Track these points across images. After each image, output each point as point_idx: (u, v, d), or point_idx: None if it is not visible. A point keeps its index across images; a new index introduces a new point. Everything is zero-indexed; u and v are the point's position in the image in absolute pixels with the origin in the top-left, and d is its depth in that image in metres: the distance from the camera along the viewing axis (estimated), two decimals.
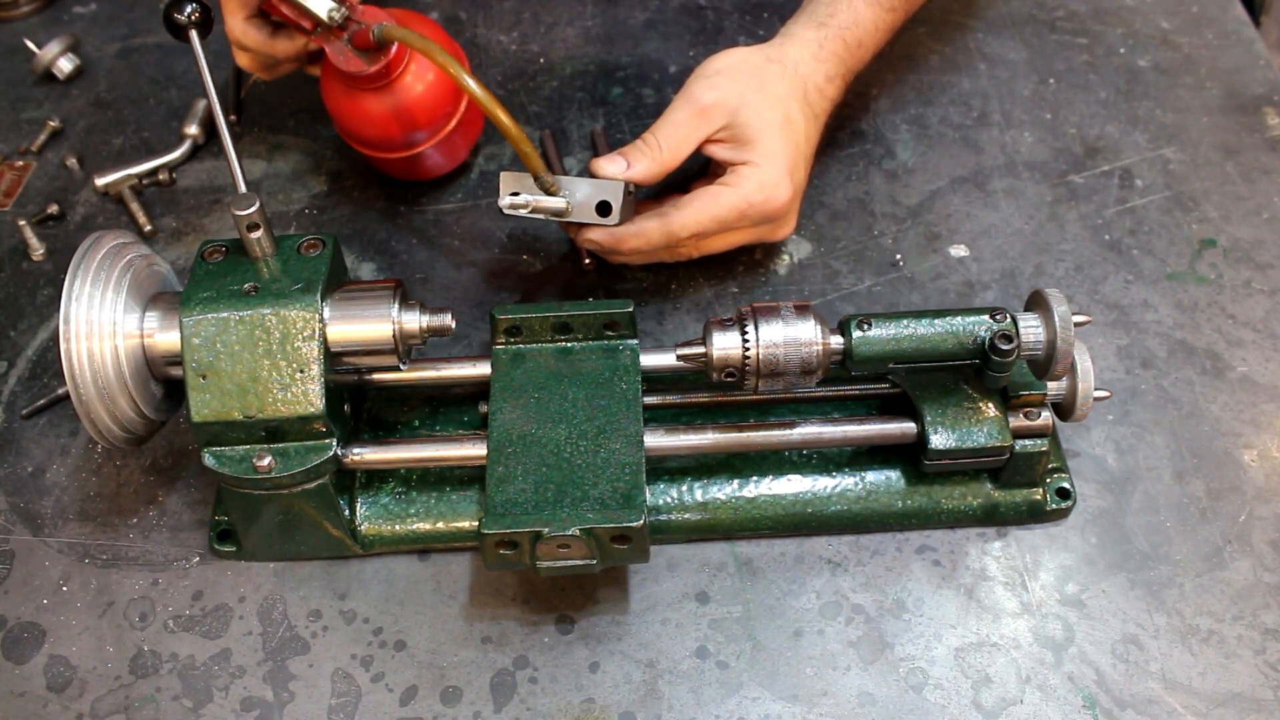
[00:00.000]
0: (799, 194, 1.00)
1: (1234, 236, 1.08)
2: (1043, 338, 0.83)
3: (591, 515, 0.79)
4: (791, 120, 0.98)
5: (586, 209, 0.94)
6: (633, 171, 0.94)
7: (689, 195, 0.97)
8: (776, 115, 0.97)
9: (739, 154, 0.96)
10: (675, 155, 0.96)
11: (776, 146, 0.96)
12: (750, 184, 0.96)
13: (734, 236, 1.00)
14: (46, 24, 1.31)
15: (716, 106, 0.96)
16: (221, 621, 0.87)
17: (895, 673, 0.84)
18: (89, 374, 0.79)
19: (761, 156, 0.96)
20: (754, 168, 0.96)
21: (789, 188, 0.97)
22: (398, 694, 0.84)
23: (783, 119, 0.97)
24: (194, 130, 1.17)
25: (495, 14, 1.30)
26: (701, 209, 0.96)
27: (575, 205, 0.94)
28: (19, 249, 1.11)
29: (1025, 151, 1.16)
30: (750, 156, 0.96)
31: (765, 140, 0.96)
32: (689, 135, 0.96)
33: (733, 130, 0.96)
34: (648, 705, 0.83)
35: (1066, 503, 0.90)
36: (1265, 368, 0.99)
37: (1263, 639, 0.85)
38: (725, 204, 0.96)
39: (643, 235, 0.96)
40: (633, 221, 0.96)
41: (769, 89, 0.98)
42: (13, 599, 0.89)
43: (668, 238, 0.96)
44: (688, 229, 0.96)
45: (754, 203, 0.96)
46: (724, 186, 0.96)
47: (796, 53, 1.01)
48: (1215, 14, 1.28)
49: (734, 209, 0.96)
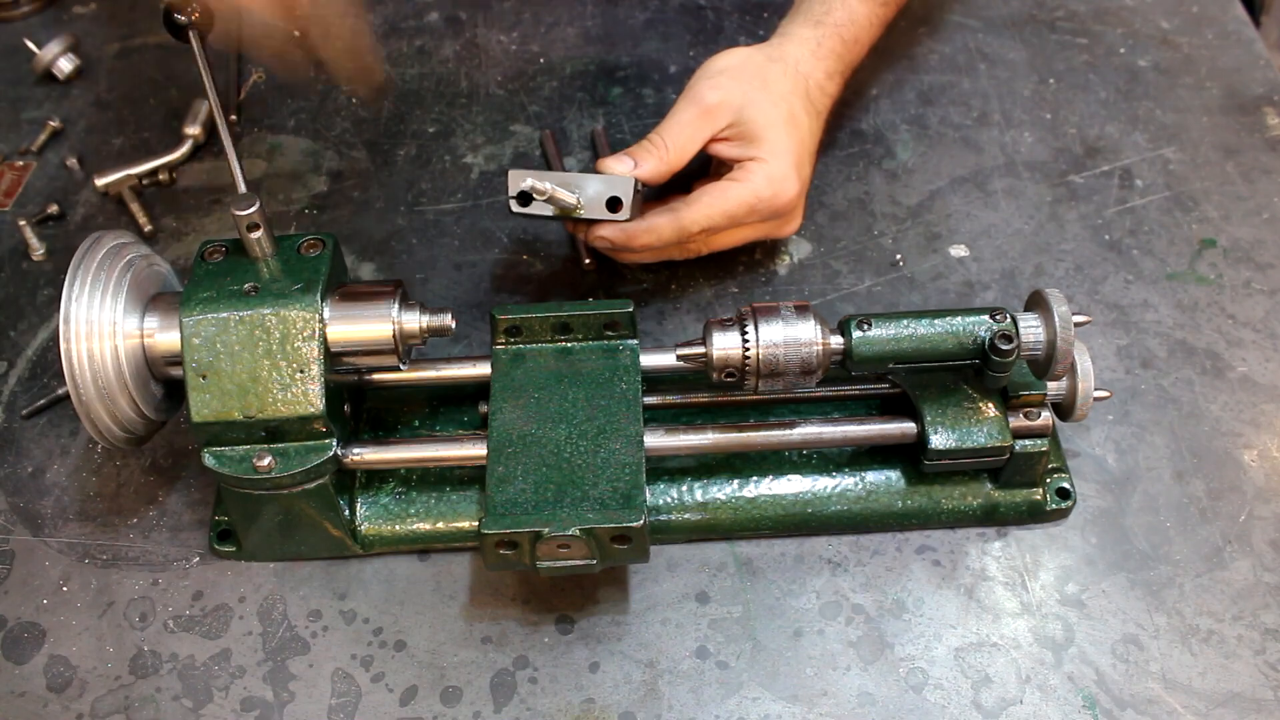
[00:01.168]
0: (805, 189, 1.01)
1: (1234, 236, 1.08)
2: (1043, 338, 0.83)
3: (591, 515, 0.79)
4: (796, 117, 0.99)
5: (597, 205, 0.95)
6: (640, 170, 0.95)
7: (698, 191, 0.98)
8: (781, 112, 0.97)
9: (746, 150, 0.97)
10: (681, 154, 0.96)
11: (783, 142, 0.97)
12: (759, 179, 0.96)
13: (743, 232, 1.01)
14: (46, 24, 1.31)
15: (721, 105, 0.96)
16: (221, 621, 0.87)
17: (895, 673, 0.84)
18: (89, 374, 0.79)
19: (769, 152, 0.96)
20: (761, 163, 0.96)
21: (796, 182, 0.97)
22: (398, 694, 0.84)
23: (787, 115, 0.98)
24: (194, 130, 1.17)
25: (495, 14, 1.30)
26: (712, 203, 0.96)
27: (586, 201, 0.94)
28: (19, 249, 1.11)
29: (1025, 151, 1.16)
30: (757, 153, 0.97)
31: (771, 136, 0.97)
32: (695, 134, 0.96)
33: (738, 128, 0.97)
34: (648, 705, 0.83)
35: (1066, 503, 0.90)
36: (1265, 368, 0.99)
37: (1263, 639, 0.85)
38: (735, 198, 0.96)
39: (654, 231, 0.96)
40: (643, 217, 0.96)
41: (772, 87, 0.98)
42: (13, 599, 0.89)
43: (679, 232, 0.96)
44: (698, 223, 0.96)
45: (763, 197, 0.96)
46: (733, 182, 0.97)
47: (796, 51, 1.01)
48: (1215, 14, 1.28)
49: (744, 203, 0.96)
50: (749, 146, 0.97)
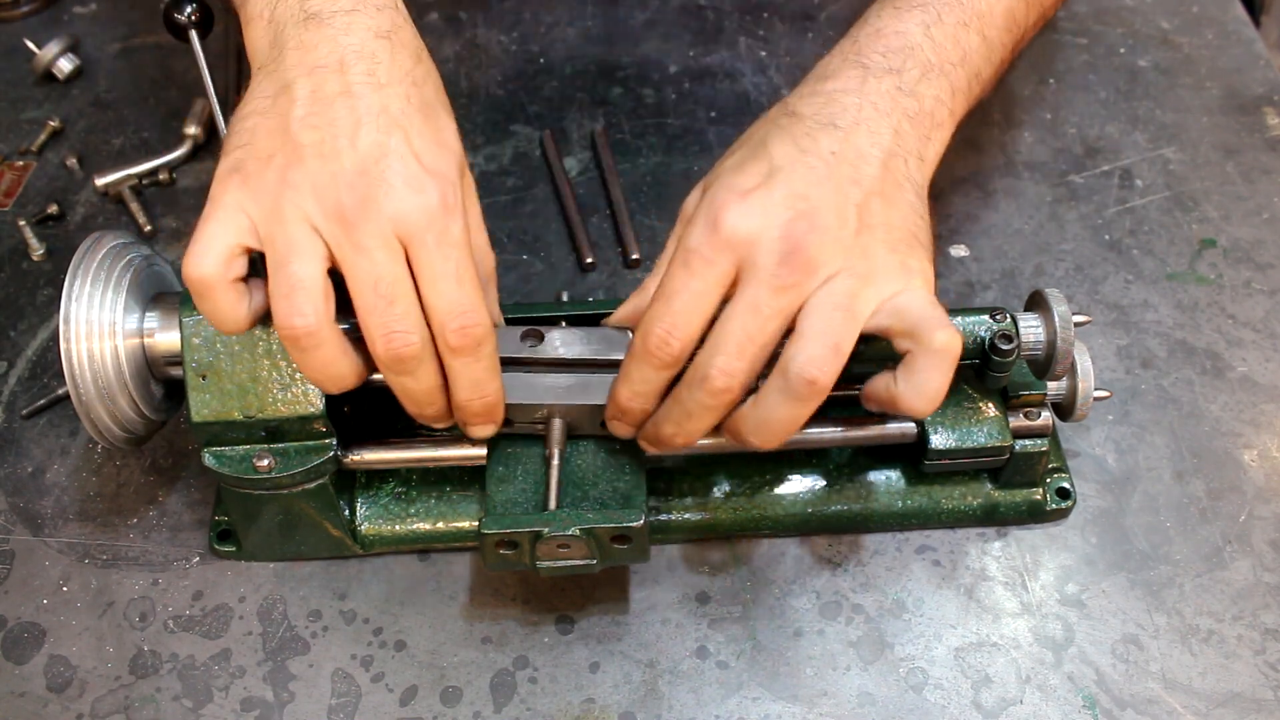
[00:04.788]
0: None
1: (1234, 236, 1.08)
2: (1043, 338, 0.83)
3: (591, 515, 0.79)
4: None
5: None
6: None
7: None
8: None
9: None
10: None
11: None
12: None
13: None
14: (46, 24, 1.31)
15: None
16: (221, 621, 0.87)
17: (895, 673, 0.84)
18: (89, 374, 0.79)
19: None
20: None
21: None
22: (398, 694, 0.84)
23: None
24: (194, 130, 1.17)
25: (495, 14, 1.30)
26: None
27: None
28: (19, 249, 1.11)
29: (1025, 151, 1.16)
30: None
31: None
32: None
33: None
34: (648, 705, 0.83)
35: (1066, 503, 0.90)
36: (1265, 368, 0.99)
37: (1263, 639, 0.85)
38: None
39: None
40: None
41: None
42: (13, 599, 0.89)
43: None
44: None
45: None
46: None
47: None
48: (1215, 14, 1.28)
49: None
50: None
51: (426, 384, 0.75)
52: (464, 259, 0.73)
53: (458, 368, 0.74)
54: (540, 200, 1.13)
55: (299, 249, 0.71)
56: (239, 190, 0.72)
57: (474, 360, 0.74)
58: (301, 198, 0.71)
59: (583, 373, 0.81)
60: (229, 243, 0.72)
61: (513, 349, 0.81)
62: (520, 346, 0.81)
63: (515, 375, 0.78)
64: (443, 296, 0.72)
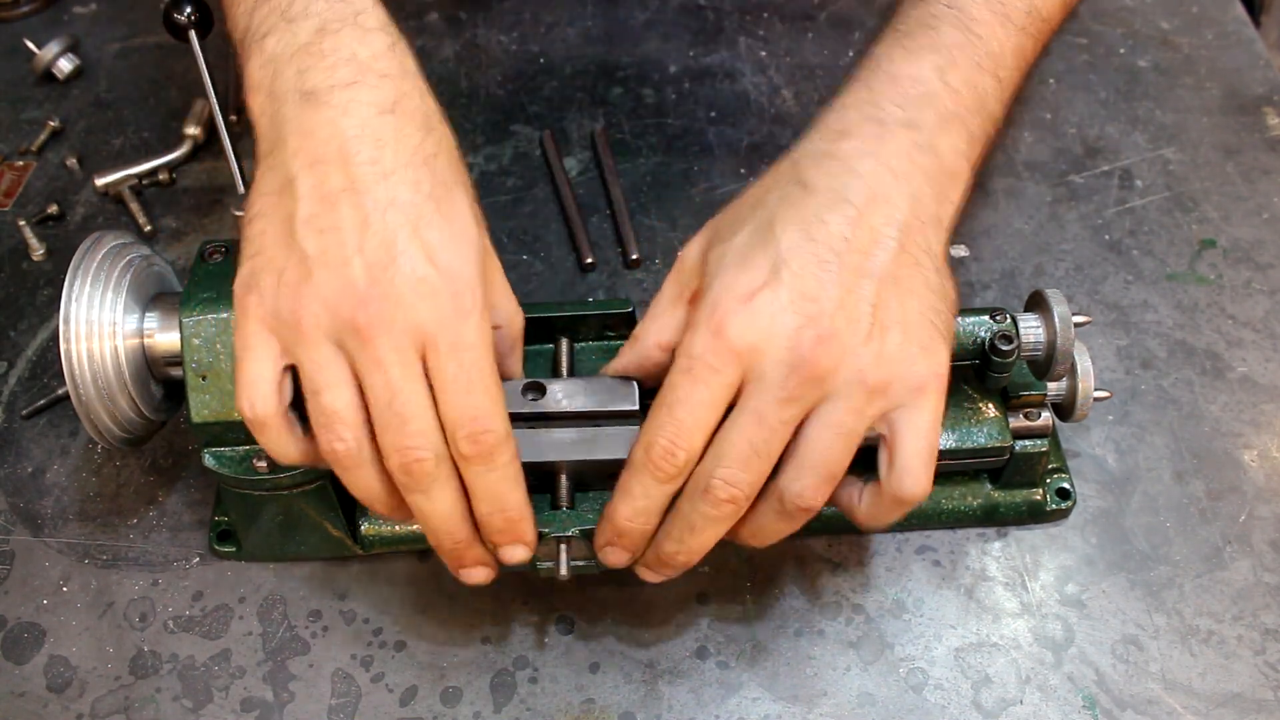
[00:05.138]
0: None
1: (1234, 236, 1.08)
2: (1043, 338, 0.83)
3: (591, 515, 0.79)
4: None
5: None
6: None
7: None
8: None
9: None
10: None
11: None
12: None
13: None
14: (46, 24, 1.31)
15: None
16: (221, 622, 0.87)
17: (895, 673, 0.84)
18: (89, 374, 0.79)
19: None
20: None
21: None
22: (398, 694, 0.84)
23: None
24: (194, 130, 1.17)
25: (495, 14, 1.30)
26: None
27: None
28: (19, 249, 1.11)
29: (1025, 151, 1.16)
30: None
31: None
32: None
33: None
34: (648, 705, 0.83)
35: (1066, 503, 0.90)
36: (1265, 368, 0.99)
37: (1263, 639, 0.85)
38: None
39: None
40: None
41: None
42: (13, 599, 0.89)
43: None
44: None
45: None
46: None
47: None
48: (1215, 14, 1.28)
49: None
50: None
51: (442, 505, 0.72)
52: (477, 362, 0.70)
53: (472, 478, 0.72)
54: (540, 200, 1.13)
55: (327, 377, 0.70)
56: (259, 311, 0.71)
57: (487, 469, 0.71)
58: (318, 314, 0.69)
59: (587, 426, 0.79)
60: (271, 376, 0.71)
61: (515, 405, 0.78)
62: (522, 401, 0.78)
63: (519, 432, 0.75)
64: (453, 406, 0.70)
